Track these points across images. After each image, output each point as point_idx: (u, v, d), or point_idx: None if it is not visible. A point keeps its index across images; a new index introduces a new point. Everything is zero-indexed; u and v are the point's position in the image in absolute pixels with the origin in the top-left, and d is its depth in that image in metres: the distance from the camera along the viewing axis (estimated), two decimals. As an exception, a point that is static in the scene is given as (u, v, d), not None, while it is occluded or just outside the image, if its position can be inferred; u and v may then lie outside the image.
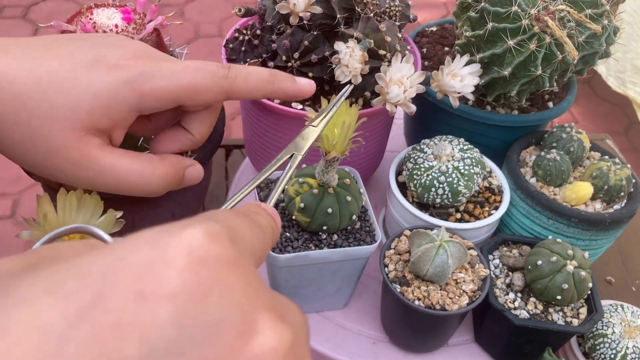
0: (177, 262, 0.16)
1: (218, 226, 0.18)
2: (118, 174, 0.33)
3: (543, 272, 0.52)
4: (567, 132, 0.63)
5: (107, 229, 0.49)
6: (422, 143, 0.60)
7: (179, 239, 0.17)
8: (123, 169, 0.33)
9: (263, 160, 0.66)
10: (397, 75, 0.51)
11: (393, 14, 0.58)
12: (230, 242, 0.18)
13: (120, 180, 0.33)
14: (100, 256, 0.16)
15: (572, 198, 0.59)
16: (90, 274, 0.16)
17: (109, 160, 0.33)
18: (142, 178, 0.34)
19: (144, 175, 0.34)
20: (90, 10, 0.54)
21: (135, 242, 0.17)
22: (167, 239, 0.17)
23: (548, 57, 0.57)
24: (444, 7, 2.32)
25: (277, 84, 0.37)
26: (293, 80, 0.38)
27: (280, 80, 0.37)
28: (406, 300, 0.50)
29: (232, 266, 0.17)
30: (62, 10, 2.16)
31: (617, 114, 1.96)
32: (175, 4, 2.23)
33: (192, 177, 0.38)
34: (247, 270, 0.18)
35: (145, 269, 0.16)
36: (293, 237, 0.51)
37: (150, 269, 0.16)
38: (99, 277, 0.16)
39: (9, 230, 1.42)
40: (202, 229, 0.17)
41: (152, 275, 0.16)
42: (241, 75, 0.35)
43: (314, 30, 0.56)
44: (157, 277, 0.16)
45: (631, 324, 0.55)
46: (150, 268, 0.16)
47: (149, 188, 0.35)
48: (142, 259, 0.16)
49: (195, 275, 0.16)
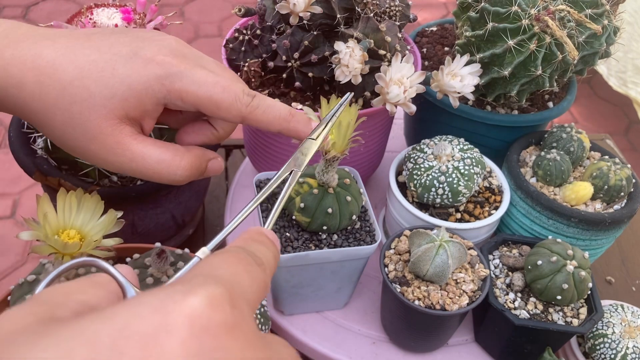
0: (180, 332, 0.17)
1: (219, 290, 0.19)
2: (147, 162, 0.35)
3: (543, 272, 0.52)
4: (567, 132, 0.63)
5: (107, 229, 0.49)
6: (422, 143, 0.60)
7: (182, 307, 0.18)
8: (153, 158, 0.35)
9: (263, 160, 0.66)
10: (397, 75, 0.51)
11: (393, 14, 0.58)
12: (231, 306, 0.19)
13: (149, 168, 0.35)
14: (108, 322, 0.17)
15: (572, 198, 0.59)
16: (98, 342, 0.17)
17: (140, 149, 0.35)
18: (169, 167, 0.36)
19: (171, 165, 0.36)
20: (90, 10, 0.54)
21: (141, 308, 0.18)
22: (171, 306, 0.18)
23: (548, 57, 0.57)
24: (444, 7, 2.32)
25: (292, 124, 0.39)
26: (308, 126, 0.39)
27: (296, 122, 0.39)
28: (406, 300, 0.50)
29: (232, 331, 0.18)
30: (62, 10, 2.16)
31: (617, 114, 1.96)
32: (175, 4, 2.23)
33: (214, 169, 0.39)
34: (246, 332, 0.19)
35: (149, 338, 0.17)
36: (293, 237, 0.51)
37: (154, 339, 0.17)
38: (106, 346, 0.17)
39: (9, 230, 1.42)
40: (203, 296, 0.18)
41: (156, 346, 0.17)
42: (262, 107, 0.37)
43: (314, 30, 0.56)
44: (161, 348, 0.17)
45: (631, 324, 0.55)
46: (154, 337, 0.17)
47: (174, 177, 0.37)
48: (147, 327, 0.17)
49: (197, 345, 0.17)
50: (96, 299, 0.22)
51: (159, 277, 0.52)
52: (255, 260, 0.24)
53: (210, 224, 0.76)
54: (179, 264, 0.54)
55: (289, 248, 0.50)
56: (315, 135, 0.39)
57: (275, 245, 0.27)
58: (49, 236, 0.46)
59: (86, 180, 0.58)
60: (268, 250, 0.26)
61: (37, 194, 0.48)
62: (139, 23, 0.55)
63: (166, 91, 0.34)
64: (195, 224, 0.73)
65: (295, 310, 0.59)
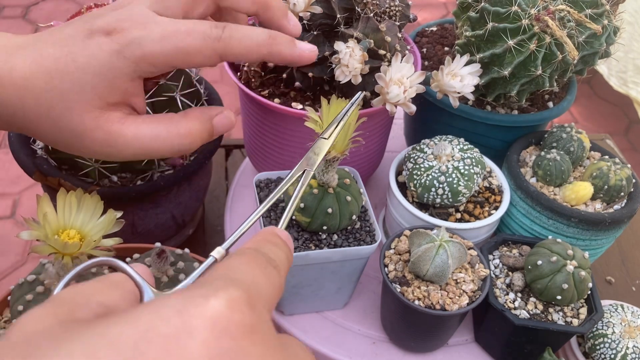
0: (202, 334, 0.18)
1: (238, 293, 0.19)
2: (143, 142, 0.33)
3: (543, 272, 0.52)
4: (567, 132, 0.63)
5: (107, 229, 0.49)
6: (422, 143, 0.60)
7: (203, 310, 0.18)
8: (147, 136, 0.33)
9: (263, 161, 0.66)
10: (397, 75, 0.51)
11: (393, 14, 0.58)
12: (249, 307, 0.19)
13: (147, 147, 0.34)
14: (131, 325, 0.18)
15: (572, 198, 0.59)
16: (121, 344, 0.17)
17: (132, 131, 0.33)
18: (166, 140, 0.34)
19: (169, 137, 0.34)
20: (90, 10, 0.54)
21: (163, 311, 0.18)
22: (193, 309, 0.18)
23: (548, 57, 0.57)
24: (444, 7, 2.32)
25: (274, 47, 0.35)
26: (292, 44, 0.36)
27: (278, 44, 0.35)
28: (406, 300, 0.50)
29: (251, 333, 0.19)
30: (62, 10, 2.16)
31: (617, 114, 1.96)
32: (176, 4, 2.23)
33: (223, 124, 0.37)
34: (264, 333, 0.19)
35: (172, 340, 0.17)
36: (293, 237, 0.51)
37: (176, 341, 0.17)
38: (130, 348, 0.17)
39: (9, 230, 1.42)
40: (224, 299, 0.19)
41: (178, 347, 0.17)
42: (236, 36, 0.34)
43: (314, 30, 0.56)
44: (182, 349, 0.17)
45: (631, 324, 0.55)
46: (176, 339, 0.17)
47: (177, 148, 0.35)
48: (169, 329, 0.17)
49: (218, 346, 0.18)
50: (115, 300, 0.22)
51: (159, 277, 0.52)
52: (270, 262, 0.24)
53: (210, 224, 0.76)
54: (179, 264, 0.54)
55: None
56: (327, 134, 0.39)
57: (288, 246, 0.27)
58: (49, 236, 0.47)
59: (86, 180, 0.58)
60: (281, 252, 0.26)
61: (37, 194, 0.48)
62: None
63: (133, 64, 0.32)
64: (195, 224, 0.73)
65: (295, 310, 0.59)
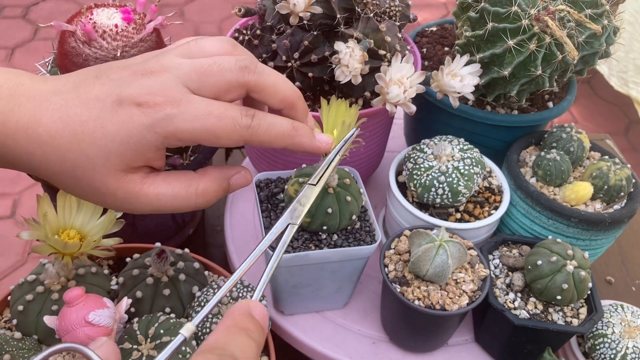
0: None
1: None
2: (163, 201, 0.35)
3: (543, 272, 0.52)
4: (567, 132, 0.63)
5: (107, 229, 0.49)
6: (422, 143, 0.61)
7: None
8: (167, 196, 0.35)
9: (263, 161, 0.66)
10: (397, 75, 0.51)
11: (393, 14, 0.58)
12: None
13: (167, 206, 0.36)
14: None
15: (572, 198, 0.59)
16: None
17: (153, 191, 0.35)
18: (186, 199, 0.36)
19: (187, 196, 0.36)
20: (90, 10, 0.54)
21: None
22: None
23: (548, 57, 0.57)
24: (444, 7, 2.32)
25: (297, 139, 0.38)
26: (312, 137, 0.39)
27: (300, 135, 0.38)
28: (406, 300, 0.50)
29: None
30: (62, 10, 2.16)
31: (617, 114, 1.96)
32: (175, 4, 2.23)
33: (239, 184, 0.39)
34: None
35: None
36: (293, 237, 0.50)
37: None
38: None
39: (9, 230, 1.42)
40: None
41: None
42: (263, 126, 0.36)
43: (314, 30, 0.56)
44: None
45: (631, 324, 0.55)
46: None
47: (194, 205, 0.37)
48: None
49: None
50: None
51: (159, 277, 0.52)
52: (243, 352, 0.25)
53: (210, 224, 0.76)
54: (178, 264, 0.54)
55: (289, 248, 0.50)
56: (315, 180, 0.39)
57: (262, 327, 0.28)
58: (49, 236, 0.47)
59: (86, 180, 0.58)
60: (251, 341, 0.27)
61: (37, 194, 0.48)
62: (139, 23, 0.55)
63: (162, 137, 0.33)
64: (195, 224, 0.73)
65: (295, 310, 0.59)
